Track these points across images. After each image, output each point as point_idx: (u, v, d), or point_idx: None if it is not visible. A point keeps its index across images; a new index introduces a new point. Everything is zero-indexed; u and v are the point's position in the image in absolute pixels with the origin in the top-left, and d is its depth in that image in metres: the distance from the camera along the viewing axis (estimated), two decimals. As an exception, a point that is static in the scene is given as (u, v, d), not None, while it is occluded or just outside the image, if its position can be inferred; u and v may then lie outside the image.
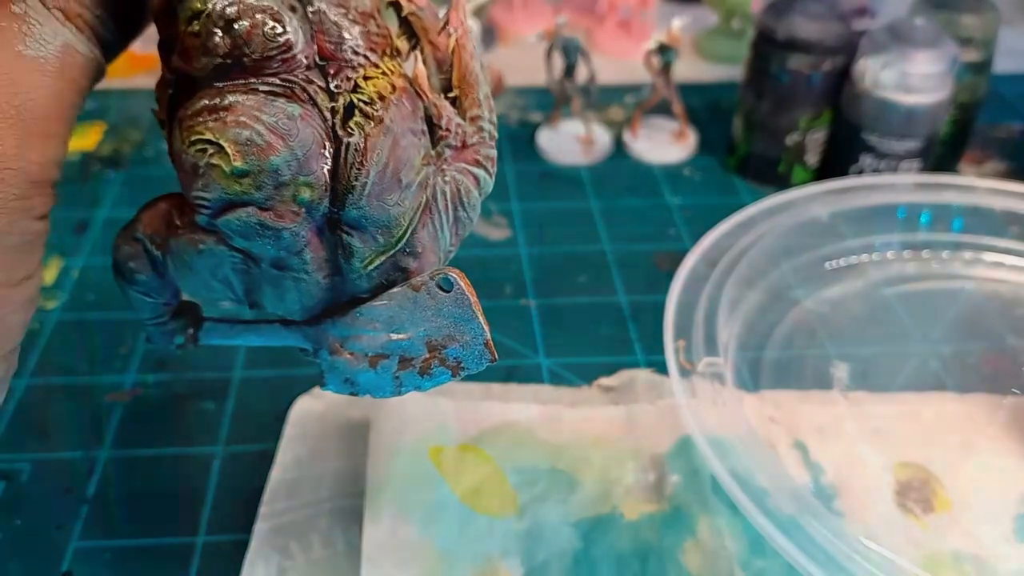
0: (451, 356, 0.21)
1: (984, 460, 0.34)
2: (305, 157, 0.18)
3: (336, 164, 0.18)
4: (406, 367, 0.21)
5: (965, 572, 0.30)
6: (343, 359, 0.21)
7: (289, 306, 0.20)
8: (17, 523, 0.32)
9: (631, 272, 0.45)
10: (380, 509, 0.31)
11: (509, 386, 0.37)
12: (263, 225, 0.18)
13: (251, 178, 0.18)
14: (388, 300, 0.20)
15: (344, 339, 0.20)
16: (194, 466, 0.34)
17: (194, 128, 0.18)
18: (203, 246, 0.19)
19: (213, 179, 0.18)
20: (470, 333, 0.21)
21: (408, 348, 0.21)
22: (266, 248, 0.19)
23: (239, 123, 0.18)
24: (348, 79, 0.18)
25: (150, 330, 0.22)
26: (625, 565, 0.30)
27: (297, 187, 0.18)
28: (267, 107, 0.18)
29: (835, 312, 0.42)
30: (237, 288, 0.20)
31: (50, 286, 0.43)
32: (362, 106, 0.18)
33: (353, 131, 0.18)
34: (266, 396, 0.37)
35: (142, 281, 0.21)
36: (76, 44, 0.19)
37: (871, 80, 0.47)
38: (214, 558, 0.31)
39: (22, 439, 0.35)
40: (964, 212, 0.45)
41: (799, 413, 0.36)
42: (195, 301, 0.23)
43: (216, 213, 0.18)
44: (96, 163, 0.53)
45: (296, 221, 0.18)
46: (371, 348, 0.21)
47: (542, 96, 0.59)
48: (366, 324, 0.20)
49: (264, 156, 0.18)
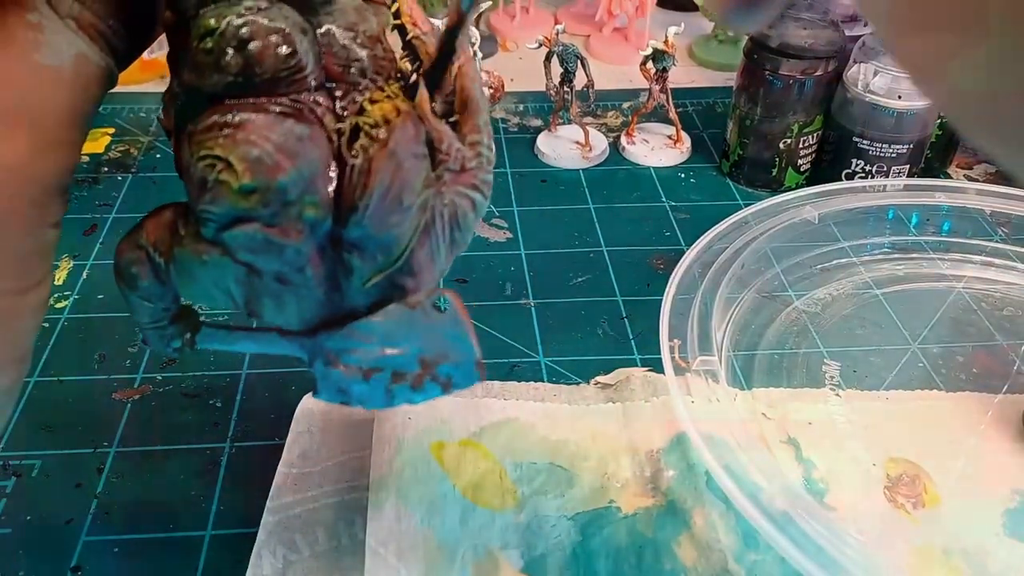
0: (442, 373, 0.21)
1: (973, 456, 0.35)
2: (312, 177, 0.18)
3: (340, 185, 0.19)
4: (399, 381, 0.21)
5: (954, 566, 0.31)
6: (338, 371, 0.21)
7: (288, 318, 0.21)
8: (27, 518, 0.32)
9: (628, 273, 0.45)
10: (383, 503, 0.31)
11: (509, 383, 0.38)
12: (268, 241, 0.18)
13: (259, 195, 0.18)
14: (384, 316, 0.20)
15: (339, 351, 0.21)
16: (202, 462, 0.35)
17: (204, 143, 0.18)
18: (207, 257, 0.19)
19: (221, 194, 0.18)
20: (462, 352, 0.21)
21: (401, 363, 0.21)
22: (270, 263, 0.19)
23: (249, 141, 0.18)
24: (355, 102, 0.19)
25: (148, 334, 0.22)
26: (622, 558, 0.31)
27: (303, 206, 0.18)
28: (277, 127, 0.18)
29: (826, 312, 0.42)
30: (238, 298, 0.20)
31: (60, 286, 0.44)
32: (367, 129, 0.18)
33: (358, 153, 0.18)
34: (273, 393, 0.38)
35: (143, 287, 0.21)
36: (89, 53, 0.19)
37: (862, 86, 0.48)
38: (221, 551, 0.31)
39: (32, 436, 0.36)
40: (953, 214, 0.46)
41: (791, 410, 0.36)
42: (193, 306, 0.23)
43: (222, 227, 0.19)
44: (105, 166, 0.54)
45: (300, 239, 0.19)
46: (365, 361, 0.21)
47: (541, 102, 0.60)
48: (362, 338, 0.20)
49: (272, 175, 0.18)
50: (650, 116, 0.56)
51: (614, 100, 0.62)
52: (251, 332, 0.23)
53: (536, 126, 0.59)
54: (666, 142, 0.56)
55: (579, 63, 0.53)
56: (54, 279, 0.44)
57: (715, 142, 0.57)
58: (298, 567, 0.30)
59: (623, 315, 0.43)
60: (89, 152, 0.55)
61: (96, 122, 0.60)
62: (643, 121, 0.57)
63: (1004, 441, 0.35)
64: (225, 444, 0.35)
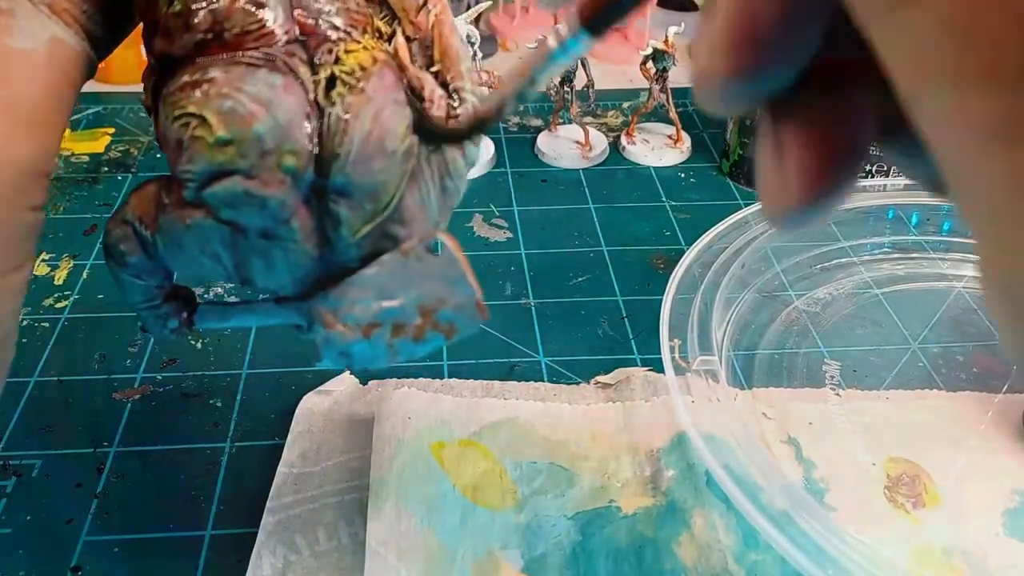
0: (444, 319, 0.21)
1: (973, 456, 0.35)
2: (288, 125, 0.18)
3: (320, 133, 0.18)
4: (400, 334, 0.21)
5: (954, 566, 0.31)
6: (337, 331, 0.21)
7: (279, 278, 0.20)
8: (27, 518, 0.32)
9: (628, 273, 0.45)
10: (383, 503, 0.31)
11: (509, 383, 0.38)
12: (248, 194, 0.18)
13: (235, 147, 0.18)
14: (379, 267, 0.20)
15: (337, 311, 0.20)
16: (202, 462, 0.35)
17: (177, 103, 0.18)
18: (191, 220, 0.19)
19: (197, 151, 0.18)
20: (461, 294, 0.21)
21: (401, 315, 0.21)
22: (253, 218, 0.19)
23: (221, 94, 0.18)
24: (330, 52, 0.19)
25: (143, 314, 0.22)
26: (622, 557, 0.31)
27: (281, 155, 0.18)
28: (249, 77, 0.18)
29: (827, 311, 0.42)
30: (227, 263, 0.20)
31: (60, 286, 0.44)
32: (344, 77, 0.18)
33: (335, 101, 0.18)
34: (273, 393, 0.38)
35: (133, 263, 0.21)
36: (65, 37, 0.19)
37: (863, 86, 0.48)
38: (222, 551, 0.31)
39: (32, 436, 0.36)
40: (953, 214, 0.46)
41: (791, 410, 0.36)
42: (189, 287, 0.23)
43: (202, 185, 0.18)
44: (105, 166, 0.54)
45: (282, 190, 0.18)
46: (364, 317, 0.20)
47: (541, 102, 0.60)
48: (358, 293, 0.20)
49: (247, 124, 0.18)
50: (650, 116, 0.56)
51: (614, 100, 0.62)
52: (248, 305, 0.22)
53: (536, 126, 0.59)
54: (666, 142, 0.56)
55: (579, 63, 0.53)
56: (54, 279, 0.44)
57: (715, 142, 0.57)
58: (298, 567, 0.30)
59: (623, 315, 0.43)
60: (89, 152, 0.55)
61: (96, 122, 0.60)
62: (643, 121, 0.57)
63: (1004, 441, 0.35)
64: (225, 444, 0.35)
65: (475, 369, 0.39)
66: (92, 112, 0.59)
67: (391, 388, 0.36)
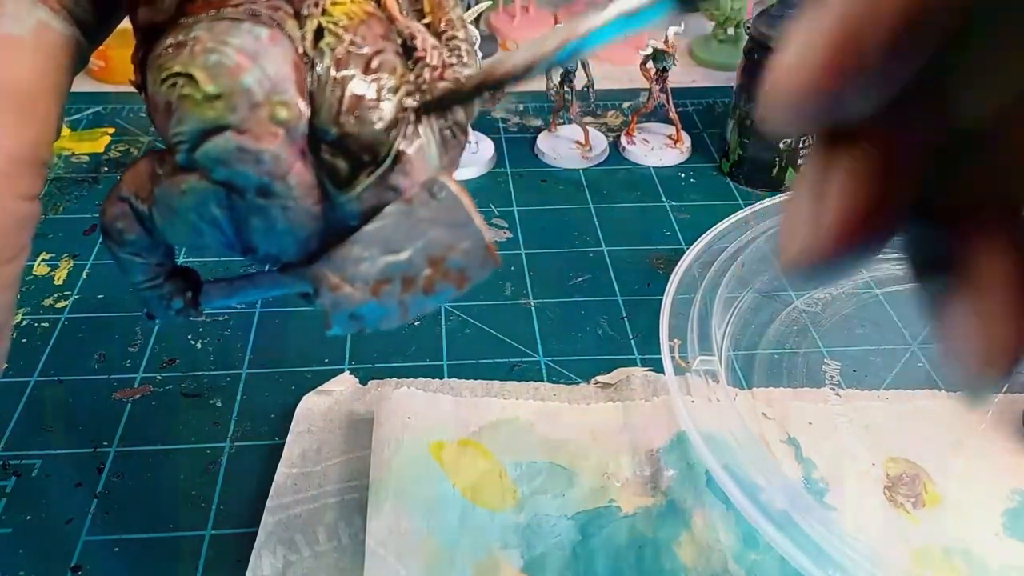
0: (453, 267, 0.20)
1: (973, 456, 0.35)
2: (277, 76, 0.18)
3: (311, 85, 0.18)
4: (410, 289, 0.20)
5: (954, 566, 0.31)
6: (344, 293, 0.20)
7: (282, 241, 0.20)
8: (27, 518, 0.32)
9: (628, 273, 0.45)
10: (383, 503, 0.31)
11: (509, 383, 0.38)
12: (241, 149, 0.18)
13: (224, 100, 0.18)
14: (382, 220, 0.19)
15: (343, 271, 0.20)
16: (202, 461, 0.35)
17: (163, 65, 0.18)
18: (185, 185, 0.19)
19: (186, 109, 0.18)
20: (469, 237, 0.20)
21: (409, 267, 0.20)
22: (248, 175, 0.18)
23: (207, 49, 0.18)
24: (316, 4, 0.19)
25: (146, 295, 0.22)
26: (621, 557, 0.31)
27: (272, 107, 0.18)
28: (233, 30, 0.18)
29: (826, 312, 0.42)
30: (226, 228, 0.20)
31: (60, 286, 0.44)
32: (331, 27, 0.18)
33: (324, 51, 0.18)
34: (273, 393, 0.38)
35: (131, 241, 0.20)
36: (52, 22, 0.18)
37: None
38: (222, 551, 0.31)
39: (33, 435, 0.36)
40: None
41: (791, 410, 0.36)
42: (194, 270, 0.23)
43: (194, 146, 0.18)
44: (105, 166, 0.54)
45: (275, 143, 0.18)
46: (371, 275, 0.20)
47: (541, 102, 0.60)
48: (363, 251, 0.20)
49: (234, 76, 0.18)
50: (650, 116, 0.56)
51: (614, 100, 0.62)
52: (252, 277, 0.22)
53: (536, 126, 0.59)
54: (666, 142, 0.56)
55: (579, 63, 0.53)
56: (54, 279, 0.44)
57: (715, 142, 0.57)
58: (298, 567, 0.30)
59: (623, 315, 0.43)
60: (89, 152, 0.55)
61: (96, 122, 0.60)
62: (643, 121, 0.57)
63: (1004, 440, 0.35)
64: (225, 444, 0.35)
65: (475, 369, 0.39)
66: (92, 112, 0.59)
67: (391, 388, 0.36)
